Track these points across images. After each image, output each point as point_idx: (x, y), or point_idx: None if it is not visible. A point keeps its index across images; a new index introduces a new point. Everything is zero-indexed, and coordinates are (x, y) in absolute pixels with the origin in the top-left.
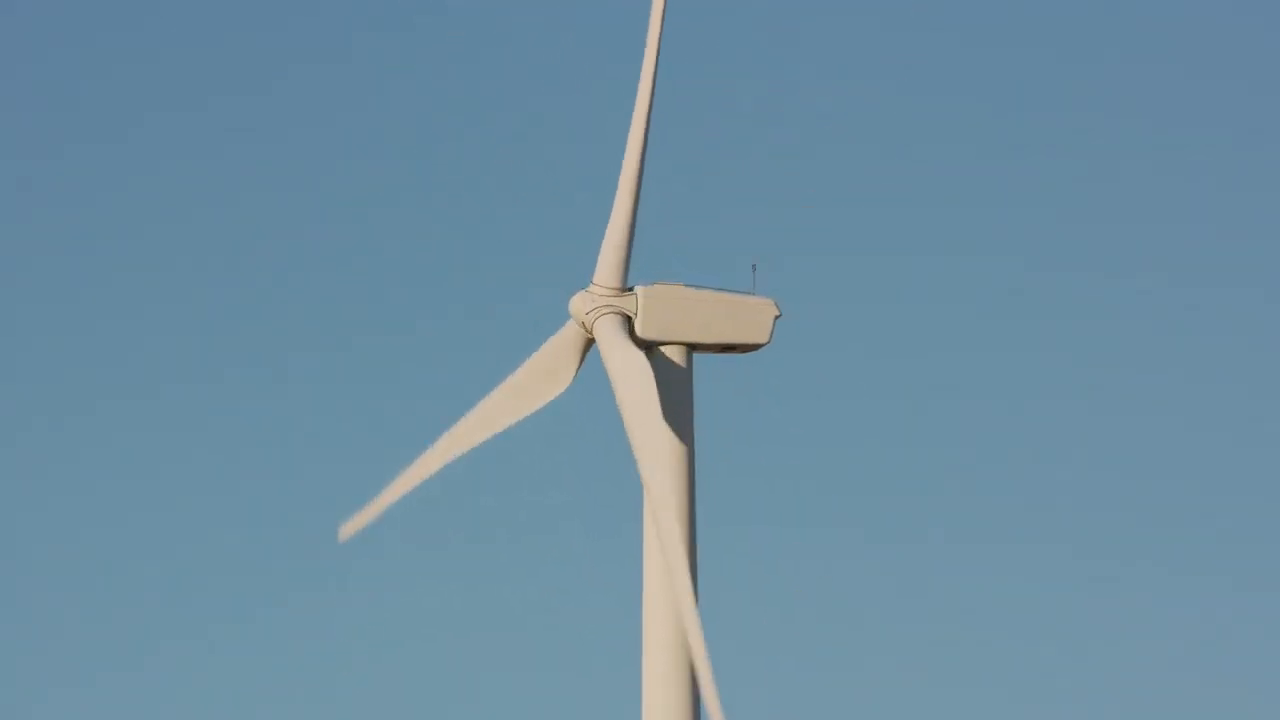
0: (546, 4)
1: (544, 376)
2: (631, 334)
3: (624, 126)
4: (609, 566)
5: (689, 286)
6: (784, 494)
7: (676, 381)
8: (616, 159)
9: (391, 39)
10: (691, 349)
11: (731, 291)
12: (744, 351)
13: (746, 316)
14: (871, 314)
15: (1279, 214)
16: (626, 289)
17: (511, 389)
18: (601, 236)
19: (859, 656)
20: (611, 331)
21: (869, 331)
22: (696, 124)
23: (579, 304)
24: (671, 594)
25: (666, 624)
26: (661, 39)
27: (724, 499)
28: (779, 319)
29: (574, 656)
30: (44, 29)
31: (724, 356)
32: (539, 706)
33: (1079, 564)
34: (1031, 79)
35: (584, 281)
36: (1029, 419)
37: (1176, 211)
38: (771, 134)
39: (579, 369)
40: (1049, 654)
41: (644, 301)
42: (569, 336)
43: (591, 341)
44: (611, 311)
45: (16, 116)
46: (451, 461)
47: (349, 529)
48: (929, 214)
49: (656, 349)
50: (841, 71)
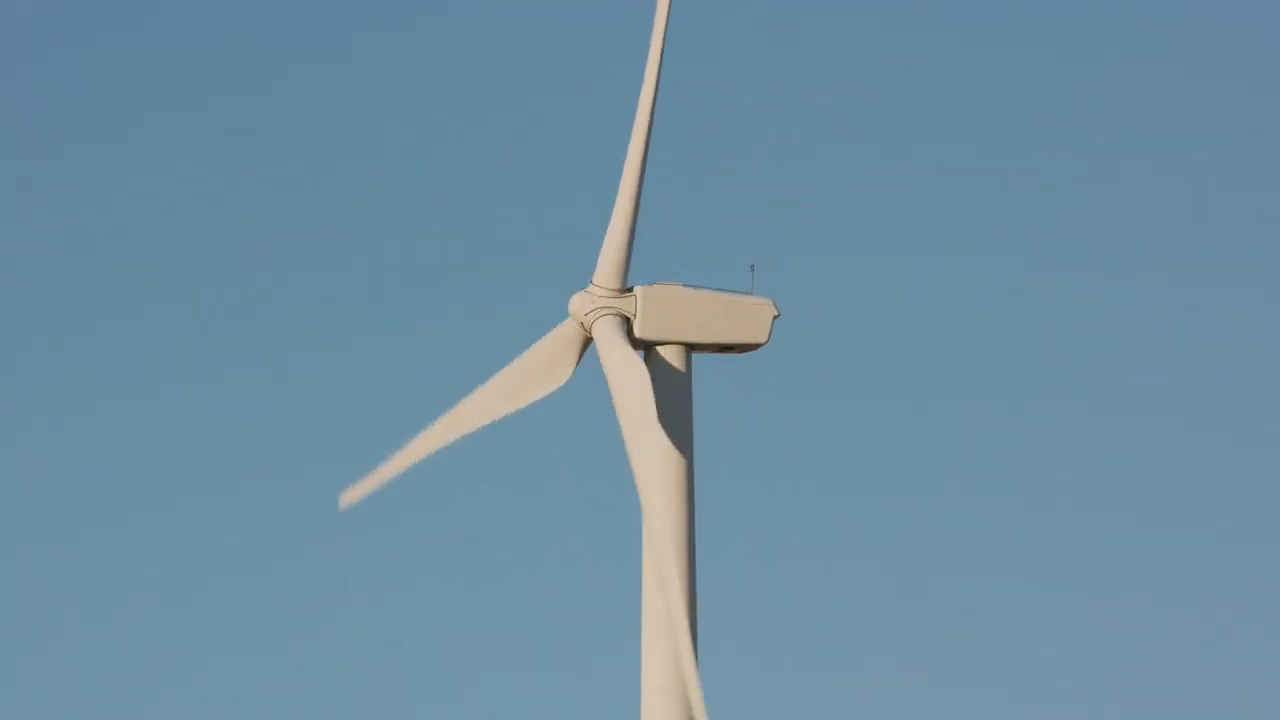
0: (546, 4)
1: (544, 369)
2: (630, 335)
3: (623, 126)
4: (608, 566)
5: (688, 286)
6: (782, 493)
7: (675, 382)
8: (616, 159)
9: (391, 39)
10: (690, 349)
11: (730, 291)
12: (743, 351)
13: (745, 316)
14: (870, 314)
15: (1279, 214)
16: (626, 289)
17: (512, 377)
18: (601, 236)
19: (858, 656)
20: (610, 333)
21: (867, 331)
22: (695, 124)
23: (578, 304)
24: (663, 598)
25: (663, 625)
26: (664, 44)
27: (722, 498)
28: (777, 319)
29: (574, 656)
30: (44, 29)
31: (723, 356)
32: (539, 706)
33: (1078, 564)
34: (1031, 79)
35: (584, 281)
36: (1028, 419)
37: (1176, 212)
38: (771, 134)
39: (578, 365)
40: (1048, 653)
41: (643, 302)
42: (569, 333)
43: (590, 340)
44: (610, 313)
45: (16, 116)
46: (451, 443)
47: (349, 497)
48: (928, 214)
49: (655, 349)
50: (841, 72)
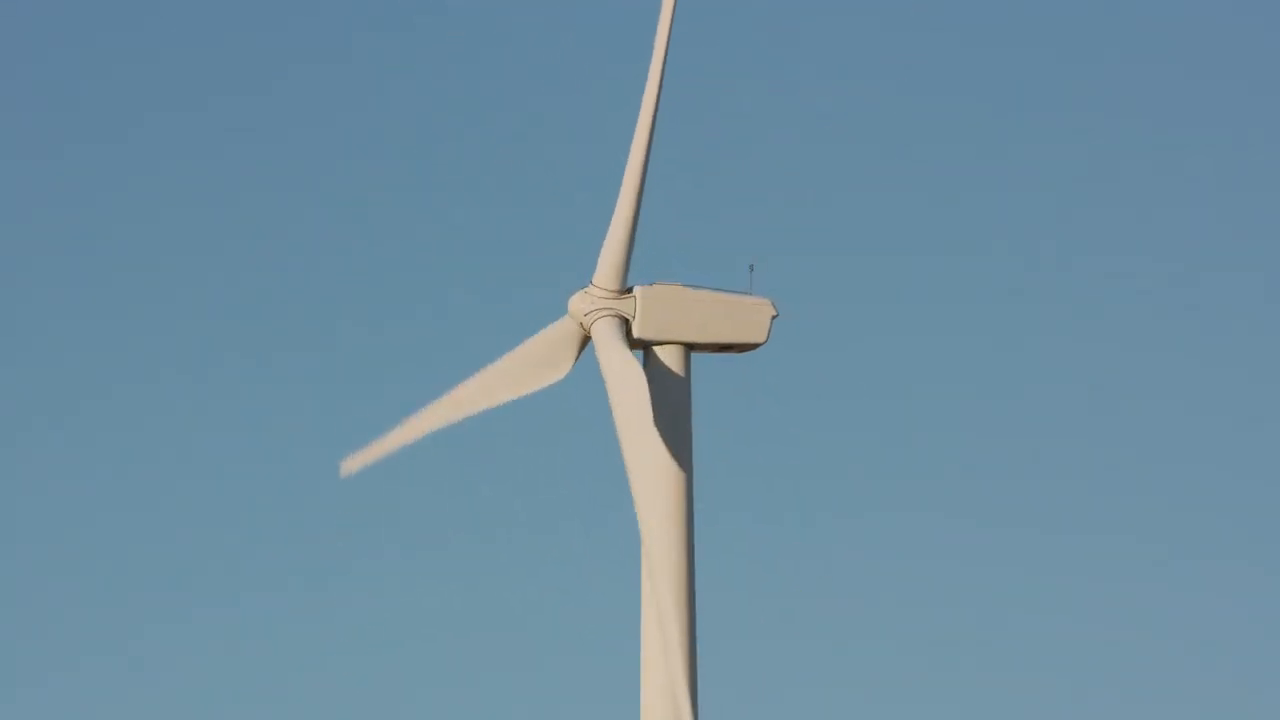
0: (546, 4)
1: (544, 360)
2: (629, 335)
3: (623, 126)
4: (608, 566)
5: (687, 286)
6: (781, 493)
7: (674, 381)
8: (616, 159)
9: (391, 39)
10: (689, 348)
11: (729, 291)
12: (741, 351)
13: (744, 316)
14: (868, 314)
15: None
16: (625, 290)
17: (513, 364)
18: (601, 236)
19: (857, 655)
20: (608, 335)
21: (865, 331)
22: (695, 124)
23: (578, 304)
24: (655, 599)
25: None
26: (668, 48)
27: (721, 497)
28: (776, 319)
29: (573, 656)
30: (44, 29)
31: (721, 356)
32: (539, 706)
33: (1078, 563)
34: (1031, 79)
35: (584, 281)
36: (1027, 418)
37: (1176, 212)
38: (770, 134)
39: (577, 360)
40: (1048, 653)
41: (642, 302)
42: (568, 329)
43: (589, 339)
44: (609, 314)
45: (16, 116)
46: (450, 424)
47: (350, 465)
48: (927, 214)
49: (654, 348)
50: (841, 72)
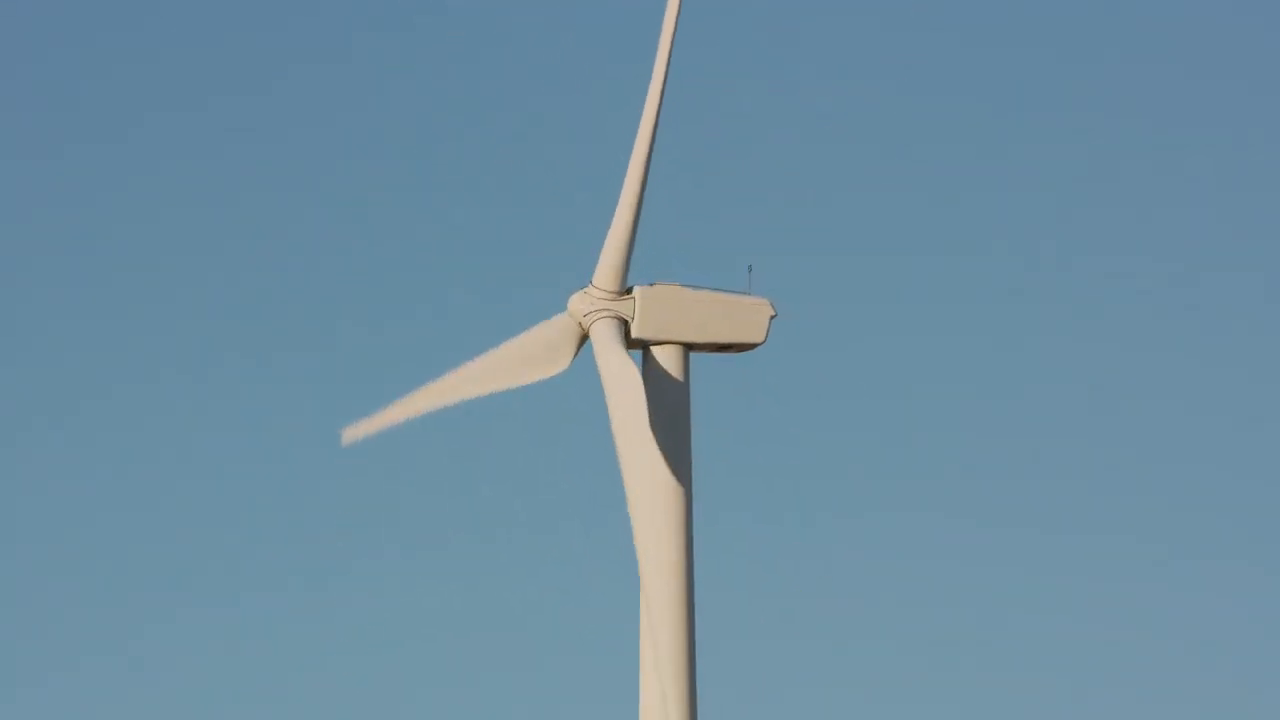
0: (546, 4)
1: (543, 354)
2: (628, 336)
3: (624, 126)
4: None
5: (686, 287)
6: (780, 493)
7: (673, 381)
8: (617, 159)
9: (391, 39)
10: (688, 348)
11: (727, 291)
12: (740, 351)
13: (742, 316)
14: (867, 314)
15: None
16: (625, 291)
17: (511, 354)
18: (601, 237)
19: (856, 655)
20: (607, 337)
21: (864, 331)
22: (694, 124)
23: (577, 304)
24: (646, 608)
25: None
26: (672, 50)
27: (720, 498)
28: (774, 319)
29: (573, 656)
30: (44, 29)
31: (720, 356)
32: (539, 706)
33: (1078, 563)
34: (1031, 79)
35: (584, 281)
36: (1027, 418)
37: (1176, 212)
38: (770, 134)
39: (575, 356)
40: (1048, 653)
41: (641, 302)
42: (568, 327)
43: (587, 337)
44: (608, 315)
45: (16, 116)
46: (447, 406)
47: (351, 434)
48: (926, 214)
49: (653, 348)
50: (841, 72)
